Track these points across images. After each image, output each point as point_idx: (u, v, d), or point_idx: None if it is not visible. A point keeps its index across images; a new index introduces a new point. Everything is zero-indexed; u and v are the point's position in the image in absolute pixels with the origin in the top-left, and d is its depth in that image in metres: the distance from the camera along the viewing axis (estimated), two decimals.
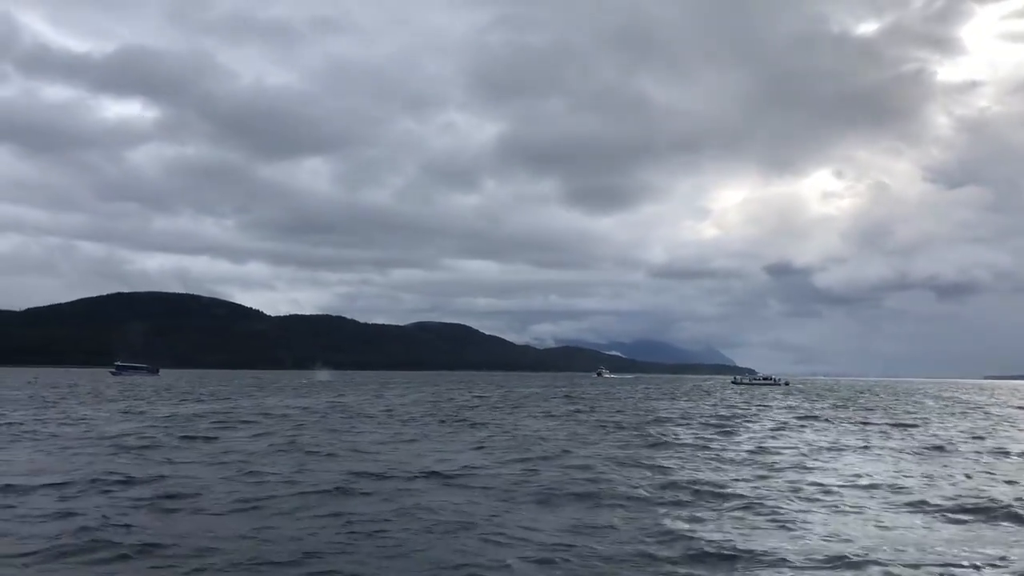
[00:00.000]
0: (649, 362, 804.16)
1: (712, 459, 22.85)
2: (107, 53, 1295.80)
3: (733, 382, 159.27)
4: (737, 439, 29.66)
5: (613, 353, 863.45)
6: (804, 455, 23.93)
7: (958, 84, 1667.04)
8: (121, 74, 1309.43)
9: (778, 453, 24.51)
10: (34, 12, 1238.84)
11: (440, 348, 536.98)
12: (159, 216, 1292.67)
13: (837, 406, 61.67)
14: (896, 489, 17.29)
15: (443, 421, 38.23)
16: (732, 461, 22.18)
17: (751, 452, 24.68)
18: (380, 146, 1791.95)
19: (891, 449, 26.36)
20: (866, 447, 27.00)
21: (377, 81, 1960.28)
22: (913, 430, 35.94)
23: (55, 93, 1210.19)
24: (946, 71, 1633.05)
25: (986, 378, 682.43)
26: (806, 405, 62.72)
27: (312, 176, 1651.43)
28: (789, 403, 67.05)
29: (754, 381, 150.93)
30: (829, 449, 26.10)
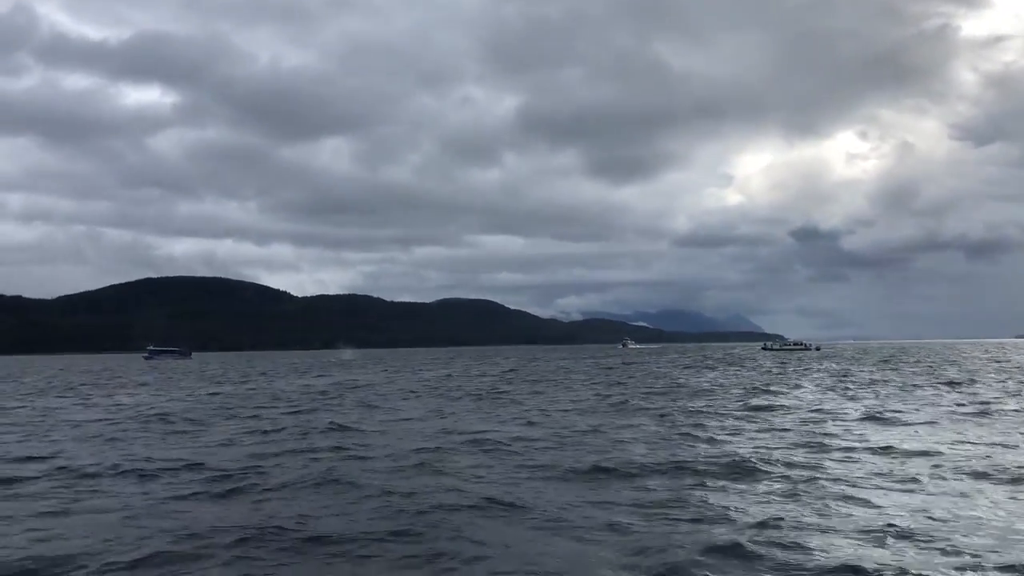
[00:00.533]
0: (676, 332, 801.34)
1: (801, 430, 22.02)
2: (123, 40, 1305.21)
3: (764, 348, 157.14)
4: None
5: (639, 324, 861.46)
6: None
7: (983, 39, 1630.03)
8: (138, 60, 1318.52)
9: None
10: (51, 2, 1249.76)
11: (466, 324, 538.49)
12: (183, 201, 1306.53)
13: (896, 369, 59.28)
14: None
15: (480, 397, 37.73)
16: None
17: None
18: (398, 123, 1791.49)
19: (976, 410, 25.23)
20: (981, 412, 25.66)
21: (393, 58, 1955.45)
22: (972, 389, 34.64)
23: (74, 82, 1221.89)
24: (970, 26, 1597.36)
25: (1018, 336, 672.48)
26: (863, 371, 59.93)
27: (332, 156, 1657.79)
28: (834, 368, 65.45)
29: (784, 347, 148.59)
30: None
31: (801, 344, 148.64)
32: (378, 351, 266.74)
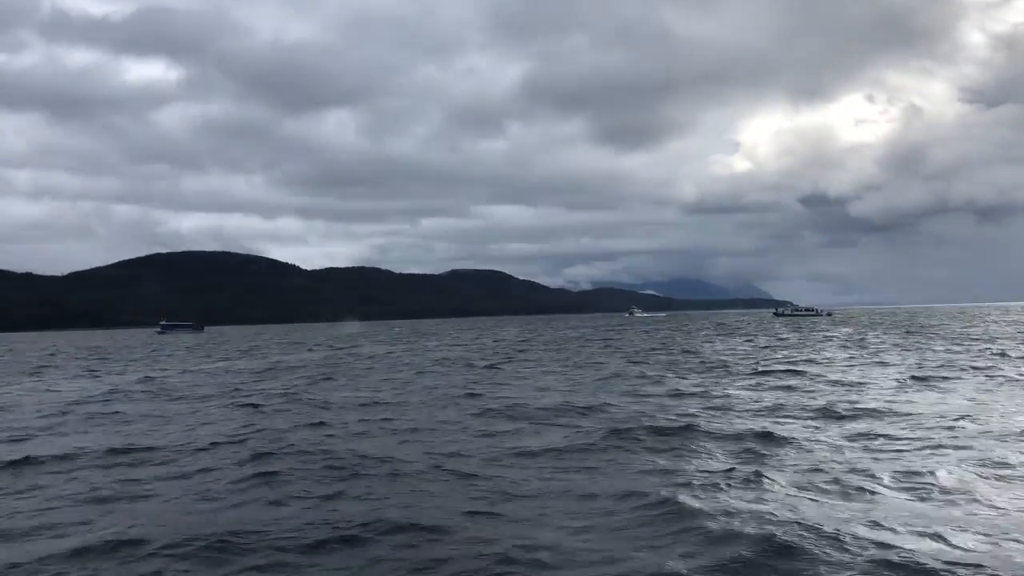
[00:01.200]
0: (685, 299, 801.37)
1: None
2: (126, 15, 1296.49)
3: (775, 314, 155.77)
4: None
5: (648, 292, 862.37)
6: None
7: (992, 0, 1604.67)
8: (141, 35, 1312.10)
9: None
10: None
11: (476, 295, 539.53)
12: (190, 176, 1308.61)
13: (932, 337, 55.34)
14: None
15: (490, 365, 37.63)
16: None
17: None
18: (403, 95, 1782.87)
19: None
20: None
21: (396, 29, 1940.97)
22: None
23: (78, 58, 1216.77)
24: None
25: None
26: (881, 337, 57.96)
27: (337, 129, 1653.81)
28: (852, 336, 64.66)
29: (796, 312, 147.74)
30: None
31: (813, 310, 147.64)
32: (389, 322, 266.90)
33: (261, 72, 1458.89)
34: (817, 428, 15.04)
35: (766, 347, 45.80)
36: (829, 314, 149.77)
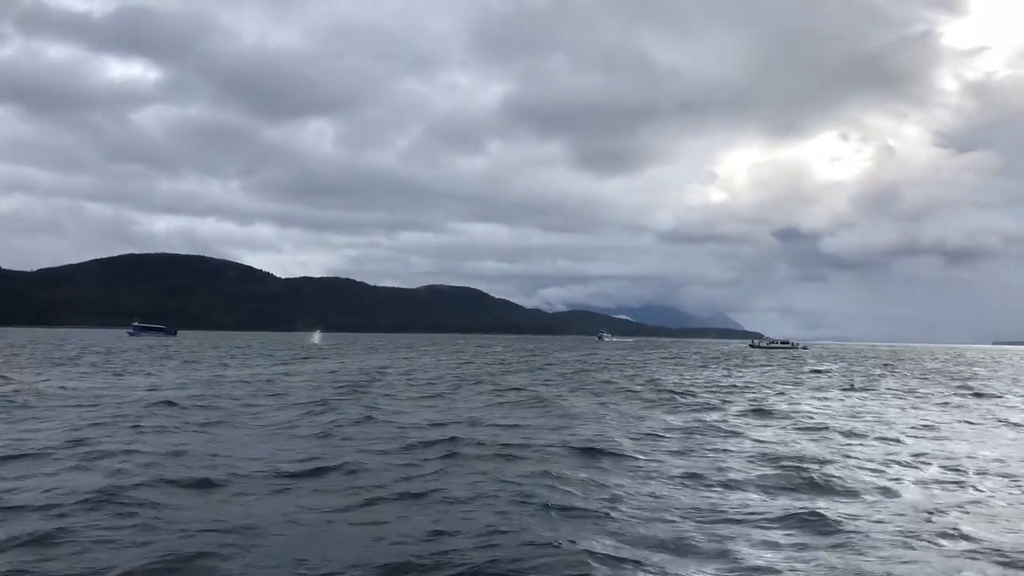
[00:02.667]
0: (657, 326, 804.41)
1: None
2: (108, 12, 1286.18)
3: (751, 346, 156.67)
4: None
5: (622, 317, 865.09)
6: None
7: (966, 48, 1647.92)
8: (122, 34, 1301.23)
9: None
10: None
11: (451, 311, 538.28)
12: (165, 178, 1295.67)
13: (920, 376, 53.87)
14: None
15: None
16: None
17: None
18: (384, 107, 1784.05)
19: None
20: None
21: (379, 40, 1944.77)
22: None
23: (56, 53, 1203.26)
24: (953, 34, 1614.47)
25: (995, 343, 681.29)
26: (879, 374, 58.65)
27: (316, 137, 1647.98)
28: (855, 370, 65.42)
29: (772, 345, 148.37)
30: None
31: (788, 343, 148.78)
32: (362, 335, 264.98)
33: (242, 77, 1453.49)
34: None
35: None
36: (804, 347, 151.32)
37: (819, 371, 57.05)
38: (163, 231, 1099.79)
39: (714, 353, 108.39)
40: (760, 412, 24.32)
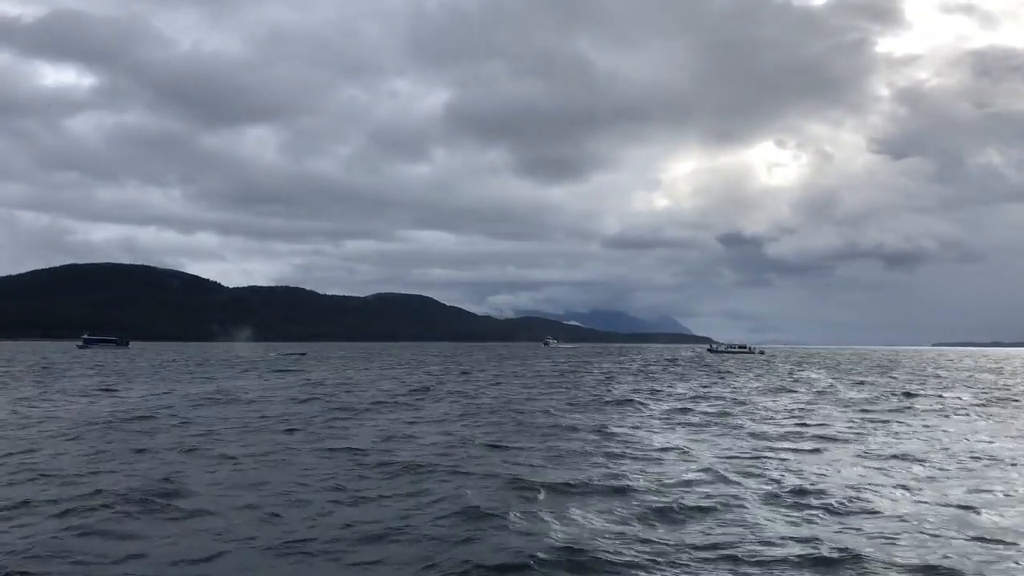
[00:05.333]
0: (607, 331, 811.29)
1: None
2: (39, 17, 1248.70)
3: (709, 350, 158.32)
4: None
5: (572, 323, 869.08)
6: None
7: (899, 57, 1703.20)
8: (54, 39, 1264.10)
9: None
10: None
11: (402, 319, 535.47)
12: (103, 186, 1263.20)
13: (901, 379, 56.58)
14: None
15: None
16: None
17: None
18: (324, 114, 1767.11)
19: None
20: None
21: (315, 47, 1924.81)
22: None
23: None
24: (886, 43, 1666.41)
25: (935, 345, 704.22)
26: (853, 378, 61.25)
27: (257, 145, 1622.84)
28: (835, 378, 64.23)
29: (730, 349, 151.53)
30: None
31: (745, 347, 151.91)
32: (314, 344, 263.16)
33: (179, 83, 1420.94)
34: None
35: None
36: (761, 352, 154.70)
37: (864, 382, 54.20)
38: (103, 240, 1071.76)
39: (675, 359, 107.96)
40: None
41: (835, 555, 10.27)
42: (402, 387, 42.79)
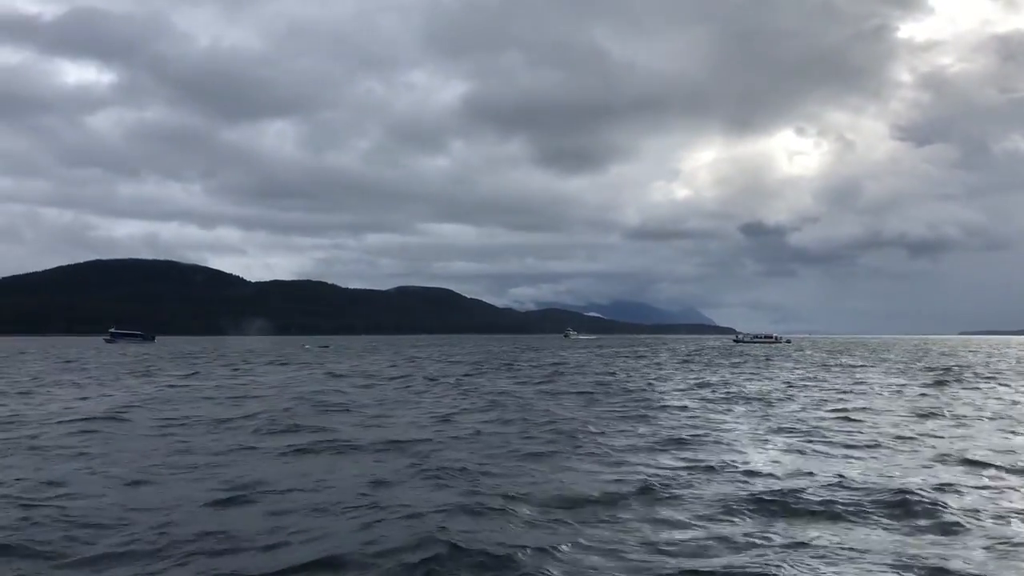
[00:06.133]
0: (628, 323, 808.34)
1: None
2: (58, 15, 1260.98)
3: (735, 341, 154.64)
4: None
5: (592, 314, 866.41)
6: None
7: (920, 43, 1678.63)
8: (74, 37, 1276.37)
9: None
10: None
11: (424, 312, 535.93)
12: (124, 182, 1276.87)
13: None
14: None
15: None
16: None
17: None
18: (343, 108, 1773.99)
19: None
20: None
21: (333, 41, 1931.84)
22: None
23: (6, 56, 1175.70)
24: (908, 28, 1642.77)
25: (961, 334, 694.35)
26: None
27: (277, 139, 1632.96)
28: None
29: (756, 339, 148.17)
30: None
31: (772, 337, 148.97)
32: (336, 338, 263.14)
33: (198, 79, 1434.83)
34: None
35: None
36: (788, 341, 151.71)
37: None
38: (125, 236, 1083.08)
39: (707, 350, 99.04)
40: None
41: None
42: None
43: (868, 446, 15.95)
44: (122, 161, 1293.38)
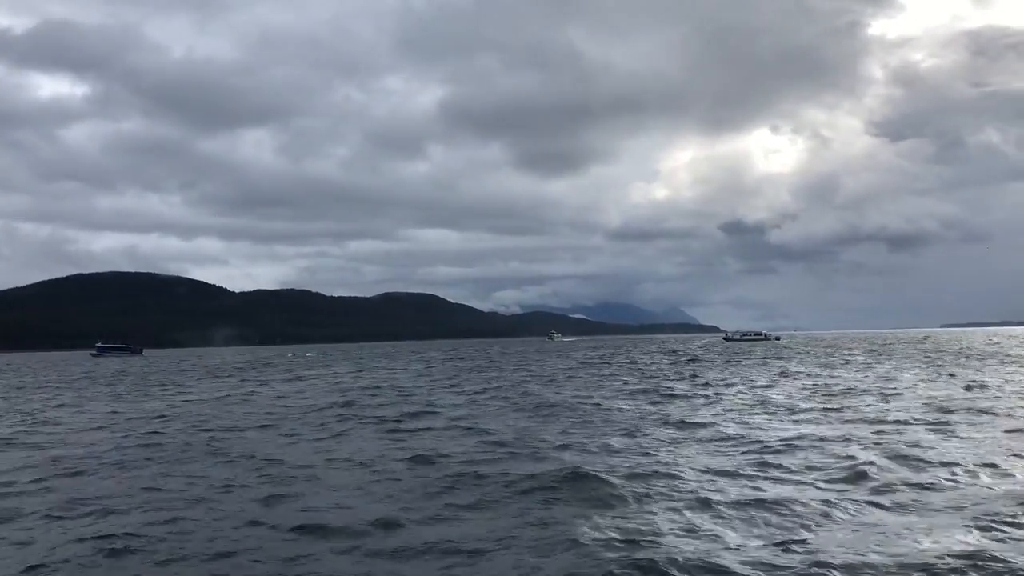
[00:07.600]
0: (615, 323, 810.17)
1: None
2: (29, 27, 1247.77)
3: (725, 339, 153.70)
4: None
5: (578, 316, 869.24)
6: None
7: (892, 39, 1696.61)
8: (46, 49, 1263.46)
9: None
10: None
11: (409, 318, 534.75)
12: (102, 195, 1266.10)
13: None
14: None
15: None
16: None
17: None
18: (320, 115, 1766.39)
19: None
20: None
21: (308, 48, 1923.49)
22: None
23: None
24: (879, 24, 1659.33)
25: (944, 326, 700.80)
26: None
27: (255, 148, 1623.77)
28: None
29: (745, 337, 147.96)
30: None
31: (761, 335, 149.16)
32: (325, 346, 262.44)
33: (173, 89, 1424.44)
34: None
35: None
36: (778, 338, 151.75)
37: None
38: (105, 249, 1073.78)
39: (697, 351, 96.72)
40: None
41: None
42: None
43: None
44: (99, 174, 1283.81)
